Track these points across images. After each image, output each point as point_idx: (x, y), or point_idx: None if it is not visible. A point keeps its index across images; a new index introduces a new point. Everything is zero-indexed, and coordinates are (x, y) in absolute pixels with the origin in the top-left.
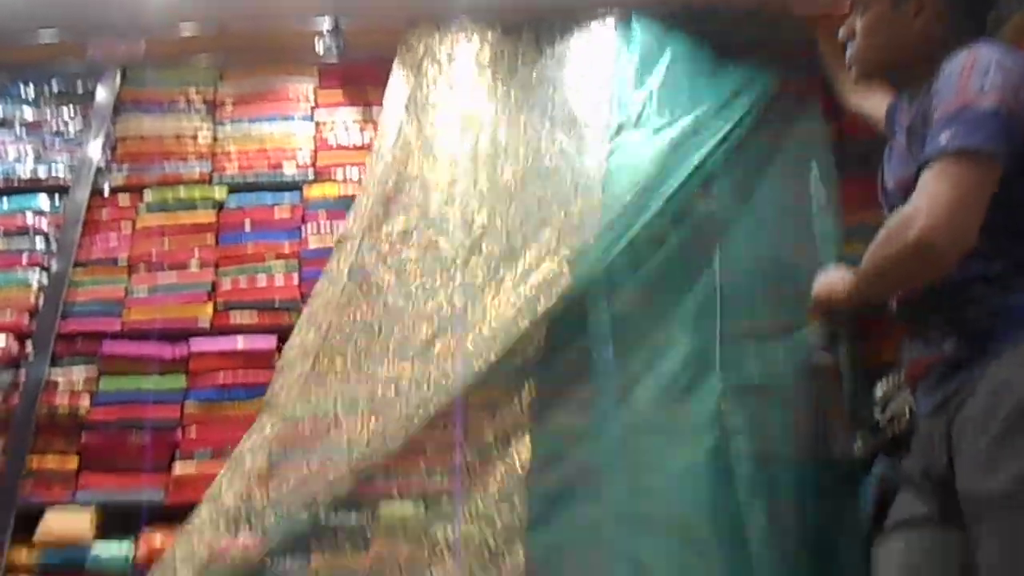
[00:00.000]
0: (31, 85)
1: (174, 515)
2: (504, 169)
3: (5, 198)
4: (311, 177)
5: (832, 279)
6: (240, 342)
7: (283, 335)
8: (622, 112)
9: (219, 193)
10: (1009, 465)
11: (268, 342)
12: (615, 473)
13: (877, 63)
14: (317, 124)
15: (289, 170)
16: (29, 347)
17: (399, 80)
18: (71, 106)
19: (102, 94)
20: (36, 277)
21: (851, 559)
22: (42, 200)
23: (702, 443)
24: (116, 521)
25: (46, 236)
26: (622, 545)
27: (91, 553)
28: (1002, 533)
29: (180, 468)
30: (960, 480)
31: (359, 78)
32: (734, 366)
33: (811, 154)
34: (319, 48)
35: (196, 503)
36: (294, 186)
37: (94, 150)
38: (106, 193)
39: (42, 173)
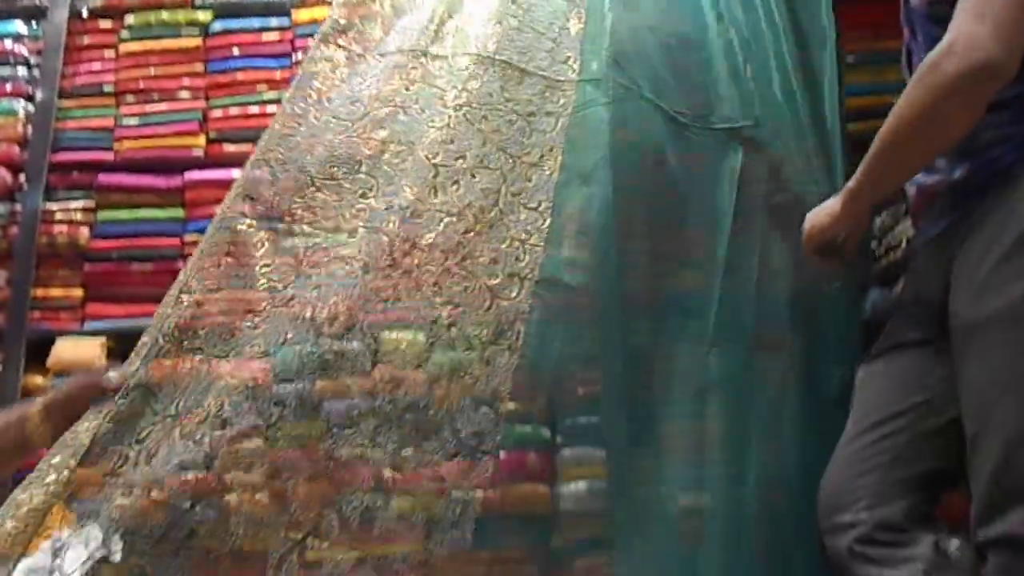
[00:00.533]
0: None
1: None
2: None
3: None
4: None
5: (817, 210)
6: (235, 173)
7: None
8: None
9: (203, 16)
10: (1007, 288)
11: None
12: (611, 299)
13: None
14: None
15: None
16: (22, 179)
17: None
18: None
19: None
20: (22, 106)
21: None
22: (19, 25)
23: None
24: (127, 348)
25: (27, 63)
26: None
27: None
28: (990, 353)
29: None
30: (955, 304)
31: None
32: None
33: None
34: None
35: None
36: (281, 9)
37: None
38: (84, 15)
39: None
